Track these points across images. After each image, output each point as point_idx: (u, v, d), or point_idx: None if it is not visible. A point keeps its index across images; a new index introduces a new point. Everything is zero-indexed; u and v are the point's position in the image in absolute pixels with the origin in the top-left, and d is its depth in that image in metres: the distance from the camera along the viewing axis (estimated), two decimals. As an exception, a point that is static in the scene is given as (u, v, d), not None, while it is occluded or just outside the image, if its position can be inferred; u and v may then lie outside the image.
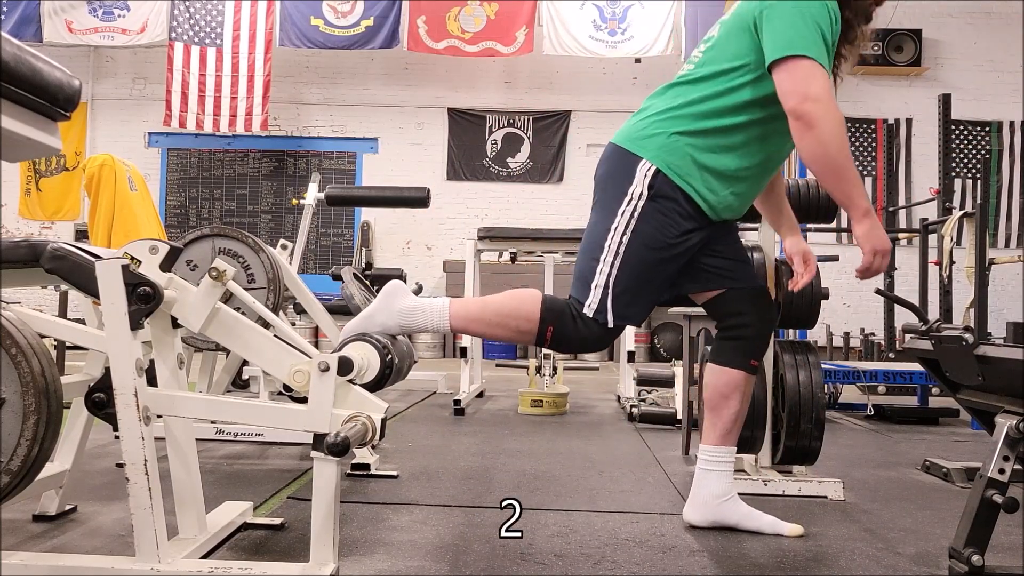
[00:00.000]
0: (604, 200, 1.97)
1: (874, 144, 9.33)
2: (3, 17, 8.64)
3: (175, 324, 1.69)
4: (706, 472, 2.08)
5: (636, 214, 1.91)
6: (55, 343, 4.52)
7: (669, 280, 1.97)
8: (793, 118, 1.79)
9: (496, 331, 1.96)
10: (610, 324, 1.91)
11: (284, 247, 3.67)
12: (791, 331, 5.07)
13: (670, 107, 1.95)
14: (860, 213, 1.84)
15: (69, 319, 2.46)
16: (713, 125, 1.91)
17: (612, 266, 1.91)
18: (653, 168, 1.91)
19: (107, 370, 1.53)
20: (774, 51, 1.81)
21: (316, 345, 5.18)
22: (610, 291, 1.91)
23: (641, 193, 1.90)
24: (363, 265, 7.98)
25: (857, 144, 9.37)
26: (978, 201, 4.50)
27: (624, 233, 1.91)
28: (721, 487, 2.06)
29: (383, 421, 1.54)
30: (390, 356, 1.82)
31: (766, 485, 2.46)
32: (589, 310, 1.91)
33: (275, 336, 1.65)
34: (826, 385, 4.58)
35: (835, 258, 5.49)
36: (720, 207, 1.95)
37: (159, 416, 1.58)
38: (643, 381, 4.51)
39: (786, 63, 1.80)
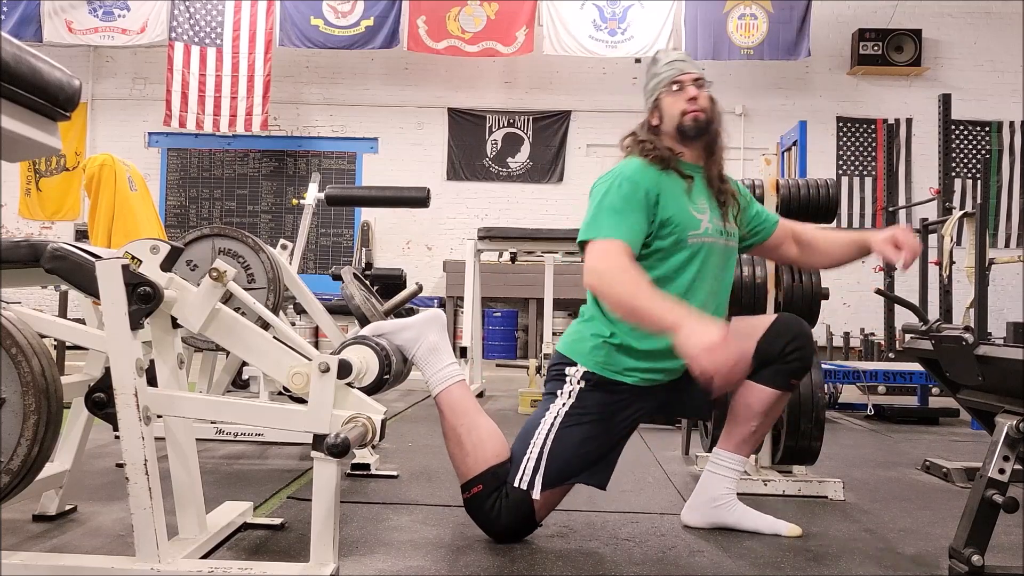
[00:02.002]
0: (547, 392, 2.04)
1: (874, 144, 9.33)
2: (3, 17, 8.64)
3: (175, 324, 1.69)
4: (711, 475, 2.08)
5: (574, 395, 1.97)
6: (55, 343, 4.51)
7: (599, 449, 1.97)
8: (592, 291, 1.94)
9: (450, 436, 1.97)
10: (535, 496, 1.89)
11: (284, 247, 3.67)
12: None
13: (589, 308, 2.04)
14: (670, 332, 1.72)
15: (69, 319, 2.46)
16: (618, 326, 1.96)
17: (546, 440, 1.93)
18: (585, 369, 1.98)
19: (107, 370, 1.53)
20: (584, 233, 1.94)
21: (316, 345, 5.18)
22: (543, 463, 1.91)
23: (579, 380, 1.97)
24: (363, 265, 7.98)
25: (857, 144, 9.37)
26: (978, 201, 4.50)
27: (563, 409, 1.96)
28: (720, 491, 2.06)
29: (383, 422, 1.54)
30: (389, 360, 1.82)
31: (766, 485, 2.47)
32: (524, 483, 1.89)
33: (275, 337, 1.65)
34: (826, 385, 4.58)
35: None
36: (664, 372, 1.97)
37: (159, 416, 1.58)
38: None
39: (585, 247, 1.93)
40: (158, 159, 9.66)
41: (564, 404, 1.97)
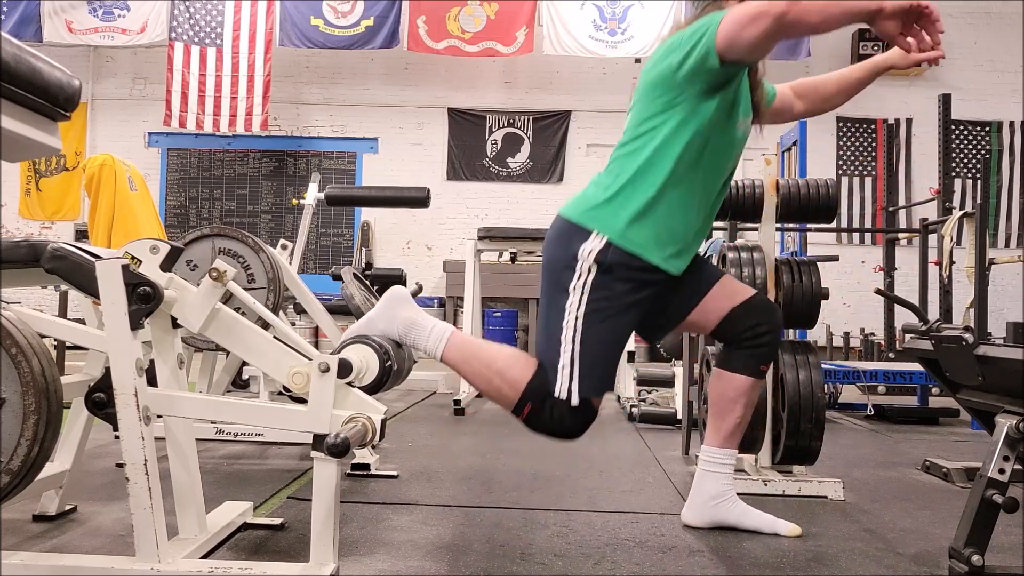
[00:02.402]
0: (554, 275, 1.94)
1: (874, 144, 9.33)
2: (3, 17, 8.64)
3: (175, 324, 1.69)
4: (705, 473, 2.09)
5: (588, 287, 1.89)
6: (55, 343, 4.51)
7: (627, 336, 1.95)
8: (770, 22, 1.70)
9: (478, 382, 1.93)
10: (576, 404, 1.86)
11: (284, 247, 3.67)
12: (791, 331, 5.07)
13: (611, 175, 1.95)
14: (874, 8, 1.70)
15: (69, 319, 2.46)
16: (649, 184, 1.90)
17: (576, 343, 1.87)
18: (603, 240, 1.88)
19: (107, 370, 1.53)
20: (710, 31, 1.78)
21: (316, 345, 5.18)
22: (576, 371, 1.87)
23: (590, 267, 1.88)
24: (363, 265, 7.97)
25: (857, 144, 9.37)
26: (978, 201, 4.49)
27: (579, 308, 1.88)
28: (718, 488, 2.06)
29: (383, 422, 1.54)
30: (389, 359, 1.82)
31: (766, 485, 2.47)
32: (563, 393, 1.87)
33: (275, 337, 1.65)
34: (826, 385, 4.58)
35: (835, 258, 5.49)
36: (675, 257, 1.94)
37: (159, 416, 1.58)
38: (643, 381, 4.51)
39: (726, 17, 1.76)
40: (158, 159, 9.66)
41: (580, 300, 1.88)
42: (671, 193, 1.90)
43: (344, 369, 1.54)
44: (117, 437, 1.53)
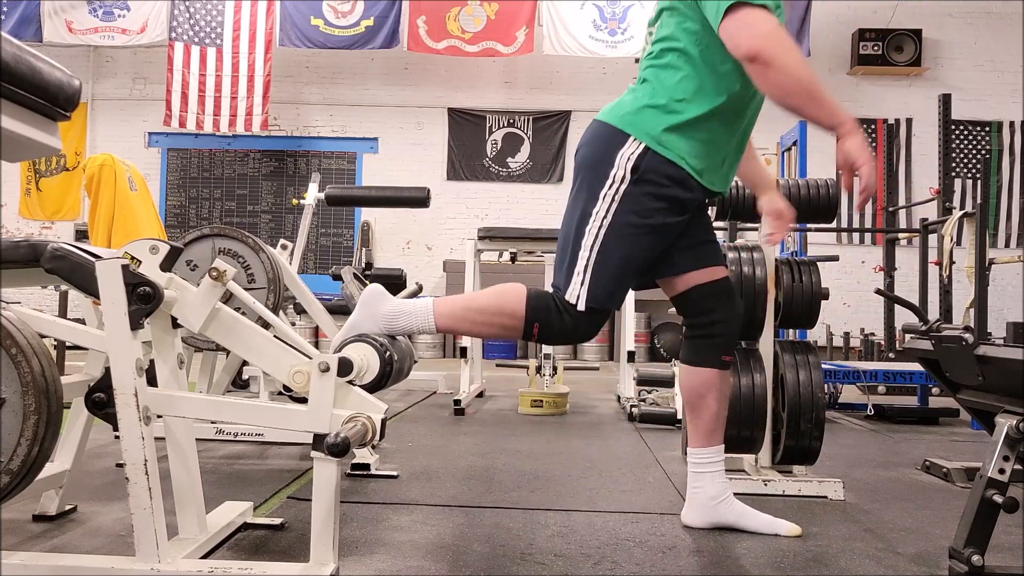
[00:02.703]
0: (586, 179, 1.93)
1: (874, 144, 9.33)
2: (3, 17, 8.64)
3: (175, 324, 1.69)
4: (698, 475, 2.08)
5: (618, 197, 1.87)
6: (55, 343, 4.51)
7: (649, 262, 1.95)
8: (749, 63, 1.75)
9: (481, 329, 1.94)
10: (581, 308, 1.86)
11: (284, 247, 3.67)
12: (791, 331, 5.07)
13: (649, 86, 1.93)
14: (848, 127, 1.77)
15: (69, 319, 2.46)
16: (682, 97, 1.88)
17: (593, 251, 1.87)
18: (640, 146, 1.87)
19: (107, 370, 1.53)
20: (718, 10, 1.79)
21: (316, 345, 5.19)
22: (592, 277, 1.87)
23: (624, 176, 1.87)
24: (363, 265, 7.97)
25: (857, 144, 9.37)
26: (978, 201, 4.49)
27: (606, 218, 1.87)
28: (716, 488, 2.06)
29: (383, 422, 1.54)
30: (390, 356, 1.82)
31: (766, 485, 2.47)
32: (572, 297, 1.88)
33: (275, 336, 1.65)
34: (826, 385, 4.58)
35: (835, 258, 5.49)
36: (708, 171, 1.92)
37: (159, 416, 1.58)
38: (643, 381, 4.51)
39: (730, 14, 1.77)
40: (158, 159, 9.66)
41: (608, 211, 1.87)
42: (719, 125, 1.90)
43: (344, 368, 1.54)
44: (117, 437, 1.53)
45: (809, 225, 5.10)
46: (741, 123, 1.98)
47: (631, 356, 4.79)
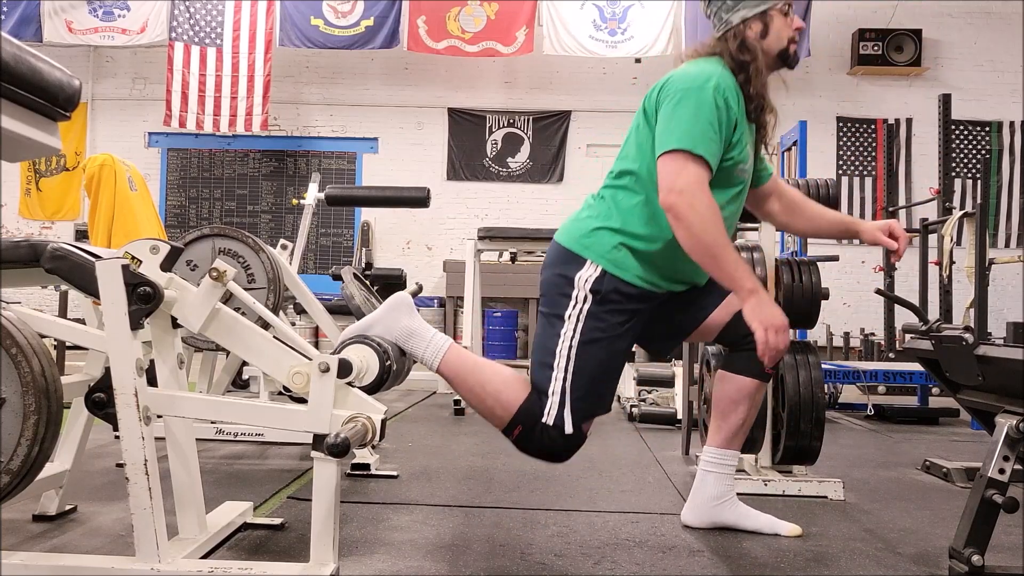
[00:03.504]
0: (550, 301, 1.95)
1: (874, 144, 9.33)
2: (3, 17, 8.63)
3: (175, 324, 1.69)
4: (706, 474, 2.08)
5: (582, 316, 1.90)
6: (55, 343, 4.51)
7: (621, 363, 1.96)
8: (665, 209, 1.82)
9: (472, 400, 1.94)
10: (569, 431, 1.87)
11: (284, 247, 3.67)
12: (791, 331, 5.06)
13: (606, 204, 1.96)
14: (744, 292, 1.82)
15: (69, 319, 2.46)
16: (635, 226, 1.91)
17: (568, 372, 1.88)
18: (597, 269, 1.90)
19: (107, 370, 1.53)
20: (657, 146, 1.86)
21: (316, 345, 5.18)
22: (568, 397, 1.87)
23: (585, 296, 1.90)
24: (363, 265, 7.97)
25: (857, 144, 9.37)
26: (978, 201, 4.49)
27: (574, 337, 1.89)
28: (719, 489, 2.06)
29: (383, 422, 1.54)
30: (389, 359, 1.82)
31: (766, 485, 2.47)
32: (551, 419, 1.87)
33: (275, 337, 1.65)
34: (826, 385, 4.58)
35: (835, 258, 5.48)
36: (668, 282, 1.96)
37: (159, 416, 1.58)
38: (643, 381, 4.51)
39: (663, 157, 1.83)
40: (158, 159, 9.65)
41: (575, 328, 1.89)
42: (665, 240, 1.90)
43: (344, 369, 1.54)
44: (117, 437, 1.53)
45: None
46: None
47: (631, 356, 4.78)
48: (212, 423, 3.06)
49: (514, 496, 2.42)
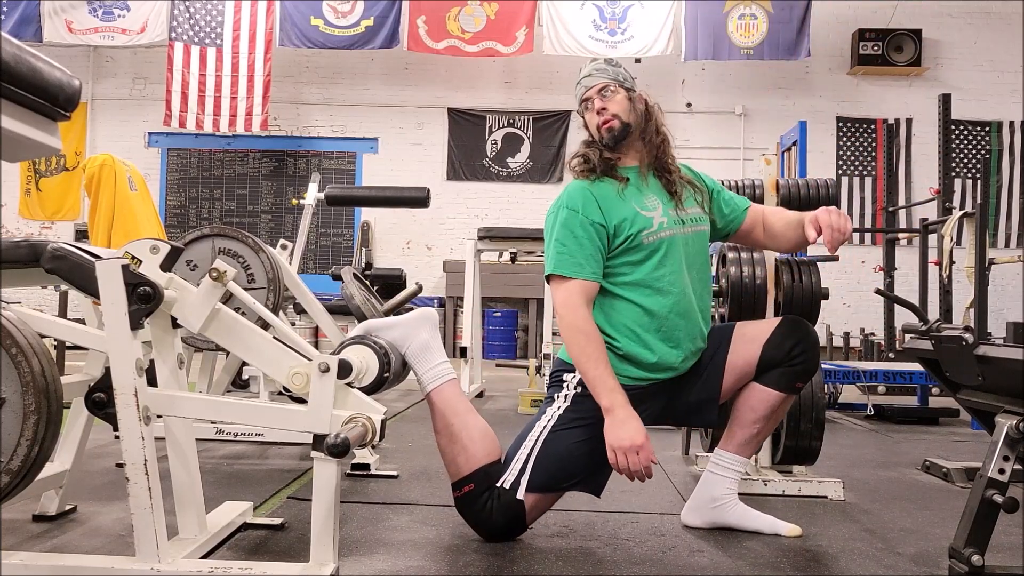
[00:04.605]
0: (547, 395, 2.05)
1: (874, 144, 9.33)
2: (3, 17, 8.63)
3: (175, 324, 1.69)
4: (712, 475, 2.08)
5: (569, 400, 1.99)
6: (55, 343, 4.51)
7: (596, 449, 1.93)
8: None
9: (442, 438, 1.97)
10: (520, 497, 1.89)
11: (284, 247, 3.67)
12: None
13: None
14: (606, 407, 1.88)
15: (69, 319, 2.46)
16: (607, 320, 1.99)
17: (538, 442, 1.94)
18: (579, 376, 1.97)
19: (107, 370, 1.53)
20: (547, 266, 2.01)
21: (316, 345, 5.18)
22: (530, 464, 1.91)
23: (574, 390, 1.99)
24: (363, 265, 7.97)
25: (857, 144, 9.37)
26: (978, 201, 4.49)
27: (556, 413, 1.98)
28: (721, 491, 2.06)
29: (383, 422, 1.54)
30: (388, 359, 1.82)
31: (766, 485, 2.46)
32: (508, 483, 1.90)
33: (275, 337, 1.65)
34: (826, 385, 4.58)
35: (835, 258, 5.47)
36: (656, 371, 1.99)
37: (159, 416, 1.58)
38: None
39: (554, 284, 1.98)
40: (158, 159, 9.66)
41: (559, 408, 1.98)
42: (636, 340, 1.97)
43: (344, 369, 1.54)
44: (117, 437, 1.53)
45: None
46: (669, 293, 1.99)
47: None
48: (212, 423, 3.06)
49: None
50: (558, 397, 2.00)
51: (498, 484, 1.90)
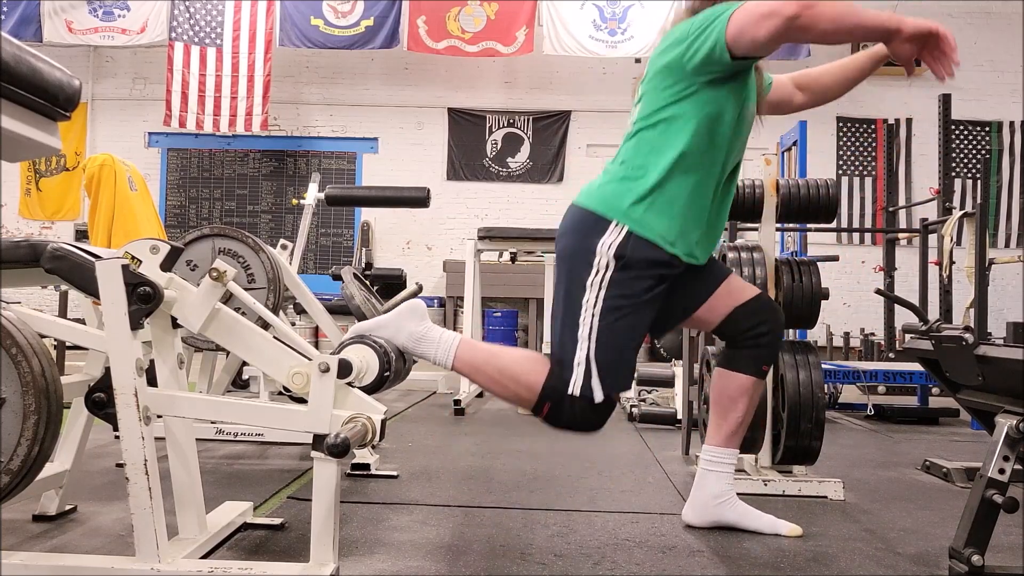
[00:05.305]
0: (571, 270, 1.91)
1: (874, 144, 9.33)
2: (3, 17, 8.63)
3: (175, 324, 1.69)
4: (706, 472, 2.09)
5: (605, 284, 1.86)
6: (55, 343, 4.51)
7: (645, 332, 1.94)
8: (784, 30, 1.70)
9: (495, 388, 1.91)
10: (599, 399, 1.86)
11: (284, 247, 3.67)
12: (791, 331, 5.07)
13: (625, 164, 1.92)
14: (892, 27, 1.74)
15: (69, 319, 2.46)
16: (665, 173, 1.87)
17: (592, 341, 1.85)
18: (621, 232, 1.86)
19: (107, 370, 1.53)
20: (721, 25, 1.76)
21: (316, 345, 5.19)
22: (593, 367, 1.85)
23: (608, 263, 1.86)
24: (363, 265, 7.97)
25: (857, 144, 9.37)
26: (978, 201, 4.49)
27: (597, 304, 1.86)
28: (720, 488, 2.06)
29: (383, 422, 1.54)
30: (389, 359, 1.82)
31: (766, 485, 2.47)
32: (577, 389, 1.84)
33: (275, 337, 1.65)
34: (826, 385, 4.58)
35: (835, 258, 5.49)
36: (689, 249, 1.92)
37: (159, 416, 1.58)
38: (643, 381, 4.51)
39: (734, 16, 1.75)
40: (158, 159, 9.66)
41: (598, 296, 1.85)
42: (686, 181, 1.88)
43: (344, 369, 1.54)
44: (117, 437, 1.53)
45: (809, 225, 5.09)
46: (720, 165, 1.93)
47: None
48: (212, 423, 3.06)
49: (514, 496, 2.42)
50: (591, 284, 1.85)
51: (569, 392, 1.85)
